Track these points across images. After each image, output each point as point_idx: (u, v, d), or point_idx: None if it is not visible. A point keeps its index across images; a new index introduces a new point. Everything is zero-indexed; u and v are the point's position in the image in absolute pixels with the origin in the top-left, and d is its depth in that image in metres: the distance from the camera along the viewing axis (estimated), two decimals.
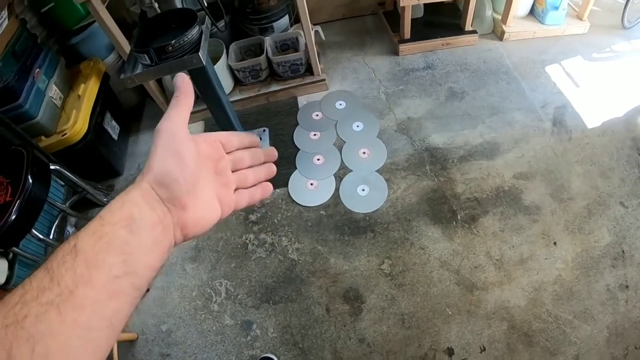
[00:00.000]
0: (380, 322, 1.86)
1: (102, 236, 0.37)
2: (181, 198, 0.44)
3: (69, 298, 0.33)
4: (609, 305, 1.79)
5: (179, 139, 0.45)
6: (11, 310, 0.31)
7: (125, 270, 0.37)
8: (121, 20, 2.42)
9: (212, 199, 0.50)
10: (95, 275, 0.35)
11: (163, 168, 0.43)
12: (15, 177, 1.49)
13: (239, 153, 0.56)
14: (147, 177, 0.43)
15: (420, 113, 2.60)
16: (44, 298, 0.32)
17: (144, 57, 1.55)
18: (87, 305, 0.34)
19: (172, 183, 0.43)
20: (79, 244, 0.36)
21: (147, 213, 0.41)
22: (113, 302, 0.36)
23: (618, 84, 2.59)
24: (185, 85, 0.50)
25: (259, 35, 2.81)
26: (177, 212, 0.44)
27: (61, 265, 0.34)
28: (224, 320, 1.96)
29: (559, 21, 2.87)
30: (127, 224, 0.39)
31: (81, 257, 0.35)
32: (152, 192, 0.43)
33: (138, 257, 0.39)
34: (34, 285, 0.33)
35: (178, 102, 0.48)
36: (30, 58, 2.18)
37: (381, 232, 2.12)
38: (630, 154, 2.23)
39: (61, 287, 0.33)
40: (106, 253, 0.36)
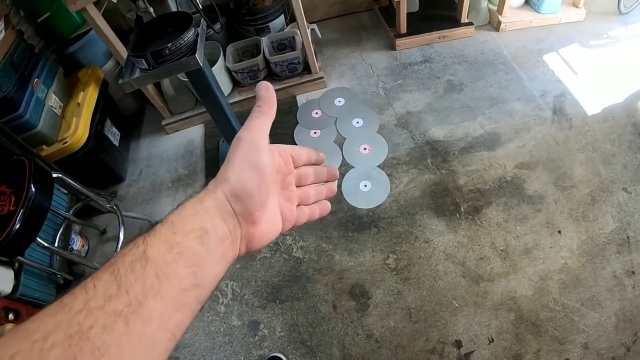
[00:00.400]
0: (387, 317, 1.86)
1: (174, 246, 0.36)
2: (254, 213, 0.44)
3: (138, 310, 0.32)
4: (616, 291, 1.78)
5: (259, 150, 0.44)
6: (75, 318, 0.30)
7: (194, 283, 0.37)
8: (117, 27, 2.43)
9: (277, 213, 0.49)
10: (165, 287, 0.34)
11: (241, 181, 0.42)
12: (18, 186, 1.49)
13: (304, 169, 0.55)
14: (222, 187, 0.42)
15: (419, 107, 2.60)
16: (111, 307, 0.31)
17: (142, 61, 1.56)
18: (154, 318, 0.33)
19: (248, 198, 0.42)
20: (149, 251, 0.35)
21: (220, 225, 0.40)
22: (178, 315, 0.35)
23: (617, 70, 2.58)
24: (269, 95, 0.48)
25: (256, 36, 2.82)
26: (247, 226, 0.44)
27: (129, 272, 0.33)
28: (231, 321, 1.96)
29: (555, 9, 2.87)
30: (199, 235, 0.38)
31: (151, 266, 0.34)
32: (226, 203, 0.42)
33: (206, 269, 0.38)
34: (100, 292, 0.31)
35: (262, 112, 0.47)
36: (29, 68, 2.19)
37: (385, 227, 2.11)
38: (632, 140, 2.22)
39: (129, 297, 0.32)
40: (177, 264, 0.36)
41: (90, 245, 2.38)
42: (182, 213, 0.39)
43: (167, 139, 2.85)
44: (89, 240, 2.39)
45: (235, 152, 0.43)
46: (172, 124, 2.83)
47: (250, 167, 0.43)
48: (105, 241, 2.37)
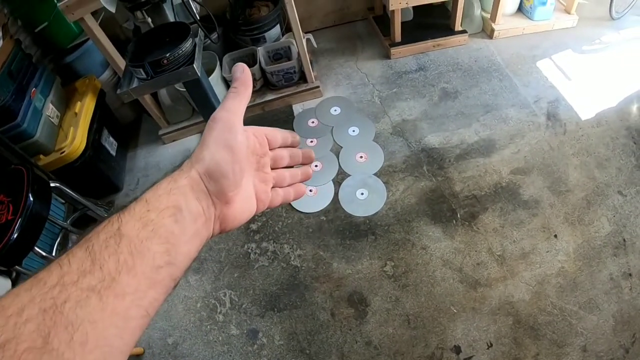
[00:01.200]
0: (385, 324, 1.86)
1: (148, 223, 0.37)
2: (228, 193, 0.44)
3: (111, 285, 0.32)
4: (613, 294, 1.79)
5: (234, 131, 0.45)
6: (49, 292, 0.30)
7: (167, 261, 0.37)
8: (114, 36, 2.45)
9: (251, 194, 0.49)
10: (138, 264, 0.34)
11: (215, 160, 0.43)
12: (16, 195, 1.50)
13: (279, 151, 0.56)
14: (197, 167, 0.42)
15: (414, 115, 2.61)
16: (85, 283, 0.31)
17: (140, 71, 1.57)
18: (128, 294, 0.33)
19: (221, 177, 0.43)
20: (123, 228, 0.35)
21: (193, 204, 0.41)
22: (152, 292, 0.35)
23: (609, 75, 2.61)
24: (244, 76, 0.49)
25: (252, 46, 2.83)
26: (221, 206, 0.44)
27: (104, 249, 0.34)
28: (229, 330, 1.96)
29: (548, 16, 2.90)
30: (173, 212, 0.39)
31: (125, 242, 0.35)
32: (200, 182, 0.42)
33: (180, 247, 0.38)
34: (74, 268, 0.32)
35: (237, 93, 0.47)
36: (26, 78, 2.21)
37: (382, 235, 2.12)
38: (625, 143, 2.24)
39: (103, 272, 0.32)
40: (151, 241, 0.36)
41: None
42: (157, 191, 0.40)
43: (164, 149, 2.86)
44: None
45: (210, 132, 0.44)
46: (169, 134, 2.84)
47: (224, 147, 0.43)
48: None
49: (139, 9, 1.64)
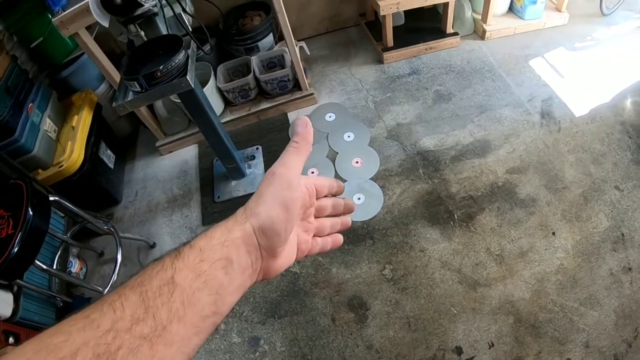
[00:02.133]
0: (386, 327, 1.86)
1: (201, 274, 0.37)
2: (277, 248, 0.44)
3: (162, 334, 0.33)
4: (613, 289, 1.79)
5: (292, 188, 0.45)
6: (103, 337, 0.30)
7: (214, 311, 0.38)
8: (109, 50, 2.47)
9: (294, 244, 0.50)
10: (189, 314, 0.35)
11: (270, 217, 0.43)
12: (15, 210, 1.51)
13: (324, 201, 0.56)
14: (252, 221, 0.43)
15: (409, 118, 2.62)
16: (138, 331, 0.32)
17: (134, 84, 1.59)
18: (175, 342, 0.34)
19: (274, 235, 0.43)
20: (177, 276, 0.36)
21: (244, 256, 0.42)
22: (196, 339, 0.37)
23: (602, 71, 2.63)
24: (307, 132, 0.49)
25: (245, 56, 2.85)
26: (268, 260, 0.45)
27: (157, 296, 0.34)
28: (231, 339, 1.96)
29: (539, 15, 2.92)
30: (224, 265, 0.39)
31: (178, 292, 0.35)
32: (253, 237, 0.43)
33: (226, 298, 0.39)
34: (128, 314, 0.32)
35: (298, 150, 0.48)
36: (23, 93, 2.23)
37: (380, 239, 2.12)
38: (620, 138, 2.24)
39: (156, 321, 0.33)
40: (202, 292, 0.37)
41: (89, 268, 2.39)
42: (211, 241, 0.40)
43: (162, 160, 2.87)
44: (87, 263, 2.39)
45: (268, 187, 0.44)
46: (166, 145, 2.85)
47: (280, 205, 0.43)
48: (103, 263, 2.37)
49: (132, 22, 1.66)
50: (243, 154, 2.64)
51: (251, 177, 2.52)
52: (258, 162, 2.59)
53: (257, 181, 2.48)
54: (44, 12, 2.38)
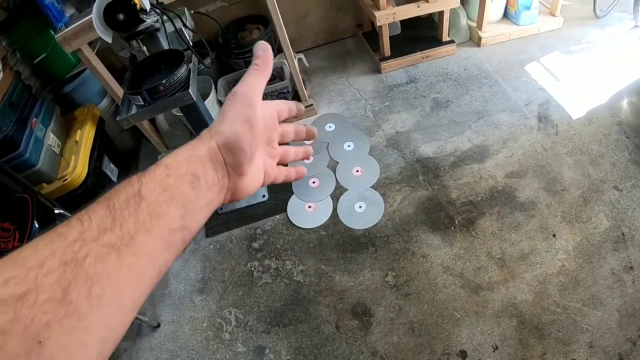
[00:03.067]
0: (390, 333, 1.86)
1: (167, 188, 0.38)
2: (243, 166, 0.46)
3: (130, 243, 0.34)
4: (616, 288, 1.79)
5: (254, 106, 0.46)
6: (70, 247, 0.31)
7: (182, 224, 0.39)
8: (111, 65, 2.52)
9: (261, 167, 0.52)
10: (156, 225, 0.36)
11: (235, 134, 0.44)
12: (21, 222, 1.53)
13: (286, 127, 0.57)
14: (216, 138, 0.44)
15: (408, 126, 2.65)
16: (105, 239, 0.33)
17: (138, 98, 1.62)
18: (144, 254, 0.35)
19: (239, 151, 0.44)
20: (144, 190, 0.37)
21: (210, 173, 0.43)
22: (165, 253, 0.37)
23: (598, 73, 2.65)
24: (266, 54, 0.50)
25: (245, 69, 2.85)
26: (235, 177, 0.46)
27: (124, 208, 0.35)
28: (236, 348, 1.97)
29: (533, 20, 2.95)
30: (191, 180, 0.41)
31: (145, 204, 0.36)
32: (218, 154, 0.44)
33: (194, 213, 0.40)
34: (95, 224, 0.33)
35: (259, 71, 0.49)
36: (27, 108, 2.27)
37: (382, 246, 2.13)
38: (618, 139, 2.26)
39: (123, 230, 0.34)
40: (169, 205, 0.38)
41: None
42: (177, 158, 0.42)
43: None
44: None
45: (231, 106, 0.46)
46: None
47: (243, 122, 0.45)
48: None
49: (135, 38, 1.69)
50: None
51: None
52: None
53: (259, 192, 2.50)
54: (46, 28, 2.43)
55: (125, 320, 0.34)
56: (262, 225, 2.37)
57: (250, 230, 2.36)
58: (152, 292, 2.18)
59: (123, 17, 1.57)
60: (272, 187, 2.53)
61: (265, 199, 2.47)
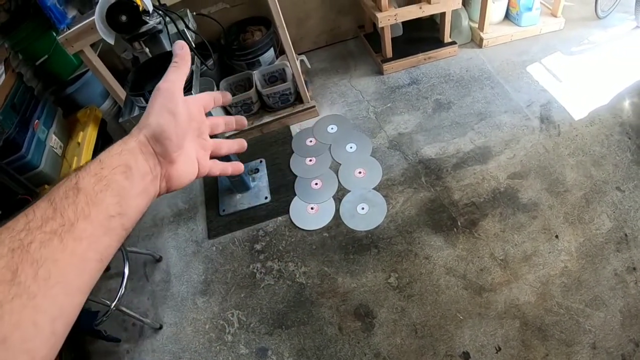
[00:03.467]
0: (393, 335, 1.86)
1: (102, 179, 0.42)
2: (171, 153, 0.50)
3: (70, 229, 0.37)
4: (618, 289, 1.79)
5: (175, 99, 0.51)
6: (17, 235, 0.34)
7: (119, 211, 0.42)
8: (113, 67, 2.51)
9: (193, 158, 0.55)
10: (94, 212, 0.39)
11: (159, 125, 0.48)
12: None
13: (215, 119, 0.61)
14: (144, 131, 0.48)
15: (410, 127, 2.65)
16: (48, 227, 0.36)
17: (141, 100, 1.62)
18: (84, 238, 0.38)
19: (165, 139, 0.48)
20: (80, 182, 0.40)
21: (142, 163, 0.46)
22: (106, 239, 0.40)
23: (599, 73, 2.66)
24: (183, 52, 0.56)
25: (247, 70, 2.89)
26: (166, 165, 0.50)
27: (64, 199, 0.38)
28: (239, 350, 1.97)
29: (534, 21, 2.95)
30: (124, 170, 0.44)
31: (82, 194, 0.39)
32: (147, 145, 0.48)
33: (130, 200, 0.44)
34: (38, 215, 0.36)
35: (178, 67, 0.54)
36: (29, 110, 2.28)
37: (385, 247, 2.13)
38: (620, 139, 2.26)
39: (64, 218, 0.37)
40: (104, 194, 0.41)
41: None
42: (109, 152, 0.45)
43: None
44: None
45: (154, 100, 0.50)
46: None
47: (167, 113, 0.49)
48: (110, 277, 2.38)
49: (137, 40, 1.69)
50: (247, 167, 2.66)
51: (255, 190, 2.54)
52: (262, 175, 2.61)
53: (261, 194, 2.51)
54: (48, 30, 2.45)
55: (75, 303, 0.37)
56: (265, 226, 2.37)
57: (253, 232, 2.36)
58: (154, 294, 2.19)
59: (126, 18, 1.57)
60: (273, 188, 2.54)
61: (267, 201, 2.47)
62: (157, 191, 0.49)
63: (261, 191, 2.53)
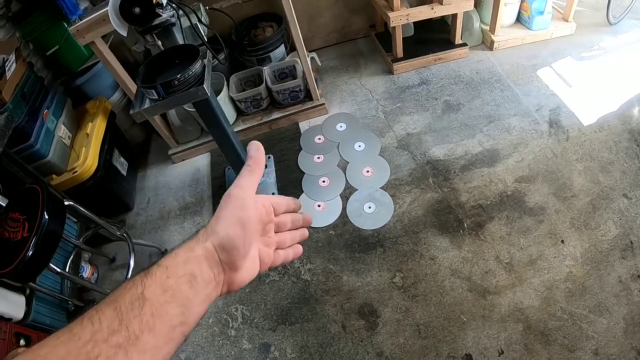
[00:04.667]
0: (396, 335, 1.87)
1: (167, 289, 0.42)
2: (237, 262, 0.50)
3: (135, 343, 0.38)
4: (622, 296, 1.79)
5: (246, 207, 0.50)
6: (83, 347, 0.35)
7: (182, 321, 0.43)
8: (123, 59, 2.52)
9: (256, 258, 0.55)
10: (158, 324, 0.40)
11: (228, 235, 0.48)
12: (31, 213, 1.53)
13: (283, 217, 0.61)
14: (212, 239, 0.48)
15: (419, 128, 2.65)
16: (114, 340, 0.37)
17: (152, 92, 1.62)
18: (148, 350, 0.39)
19: (233, 249, 0.48)
20: (146, 292, 0.41)
21: (207, 272, 0.47)
22: (167, 348, 0.41)
23: (609, 79, 2.65)
24: (259, 155, 0.55)
25: (257, 66, 2.90)
26: (230, 272, 0.50)
27: (130, 310, 0.39)
28: (242, 345, 1.98)
29: (546, 25, 2.95)
30: (189, 280, 0.44)
31: (148, 306, 0.40)
32: (214, 253, 0.48)
33: (193, 309, 0.44)
34: (104, 326, 0.37)
35: (251, 172, 0.54)
36: (39, 100, 2.28)
37: (390, 247, 2.14)
38: (628, 146, 2.25)
39: (129, 332, 0.38)
40: (169, 305, 0.42)
41: (100, 273, 2.42)
42: (176, 259, 0.46)
43: (174, 168, 2.91)
44: (98, 268, 2.43)
45: (225, 207, 0.50)
46: (178, 153, 2.89)
47: (237, 223, 0.49)
48: (115, 269, 2.40)
49: (150, 32, 1.69)
50: None
51: (263, 186, 2.54)
52: (270, 172, 2.62)
53: (269, 189, 2.51)
54: (60, 20, 2.45)
55: None
56: None
57: None
58: None
59: (139, 10, 1.57)
60: (281, 185, 2.55)
61: None
62: (218, 295, 0.50)
63: (269, 187, 2.54)
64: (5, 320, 1.73)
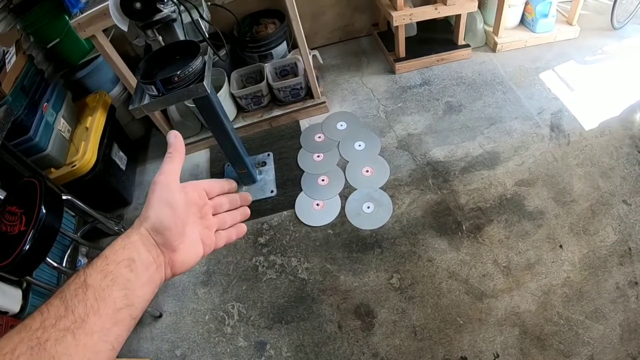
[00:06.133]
0: (392, 336, 1.87)
1: (108, 274, 0.45)
2: (173, 242, 0.52)
3: (82, 325, 0.40)
4: (619, 303, 1.79)
5: (172, 190, 0.53)
6: (34, 334, 0.38)
7: (126, 303, 0.45)
8: (124, 53, 2.51)
9: (197, 240, 0.58)
10: (102, 307, 0.42)
11: (158, 217, 0.51)
12: (29, 207, 1.52)
13: (219, 199, 0.64)
14: (145, 224, 0.51)
15: (419, 129, 2.64)
16: (61, 324, 0.39)
17: (152, 88, 1.61)
18: (95, 332, 0.41)
19: (165, 230, 0.51)
20: (88, 279, 0.43)
21: (145, 255, 0.49)
22: (115, 329, 0.43)
23: (612, 84, 2.64)
24: (177, 142, 0.58)
25: (259, 63, 2.89)
26: (169, 253, 0.52)
27: (74, 297, 0.42)
28: (237, 342, 1.98)
29: (550, 28, 2.94)
30: (128, 264, 0.47)
31: (91, 291, 0.43)
32: (149, 237, 0.51)
33: (136, 291, 0.47)
34: (52, 314, 0.40)
35: (172, 158, 0.56)
36: (38, 92, 2.27)
37: (388, 247, 2.14)
38: (629, 152, 2.25)
39: (75, 315, 0.40)
40: (111, 288, 0.44)
41: None
42: (114, 248, 0.48)
43: None
44: None
45: (152, 193, 0.52)
46: None
47: (165, 205, 0.52)
48: None
49: (151, 27, 1.68)
50: (254, 160, 2.67)
51: (262, 183, 2.54)
52: (269, 169, 2.62)
53: (267, 187, 2.51)
54: (61, 13, 2.44)
55: None
56: (269, 220, 2.38)
57: (257, 225, 2.37)
58: None
59: (140, 5, 1.56)
60: (280, 182, 2.54)
61: (273, 195, 2.48)
62: (162, 278, 0.52)
63: (267, 185, 2.53)
64: (2, 314, 1.73)
